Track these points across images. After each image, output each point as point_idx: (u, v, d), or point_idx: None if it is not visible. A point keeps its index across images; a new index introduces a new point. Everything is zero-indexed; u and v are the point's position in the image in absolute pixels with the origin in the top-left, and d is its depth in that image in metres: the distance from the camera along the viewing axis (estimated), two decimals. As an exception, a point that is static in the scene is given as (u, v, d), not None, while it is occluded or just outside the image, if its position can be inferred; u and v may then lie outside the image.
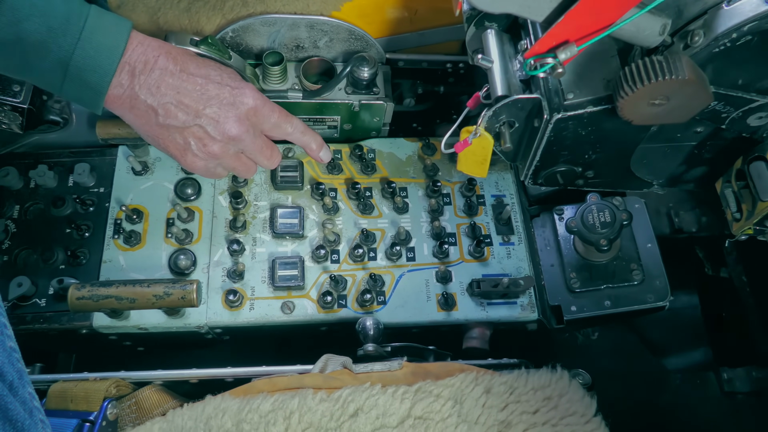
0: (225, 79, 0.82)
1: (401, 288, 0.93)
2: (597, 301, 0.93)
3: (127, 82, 0.75)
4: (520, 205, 1.01)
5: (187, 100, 0.78)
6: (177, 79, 0.78)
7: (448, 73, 1.11)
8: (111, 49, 0.73)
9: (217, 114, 0.80)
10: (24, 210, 0.95)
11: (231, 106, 0.81)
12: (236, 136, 0.82)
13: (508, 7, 0.63)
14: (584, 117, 0.72)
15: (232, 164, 0.86)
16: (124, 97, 0.76)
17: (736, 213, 0.78)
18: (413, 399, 0.75)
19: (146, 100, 0.77)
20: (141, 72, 0.76)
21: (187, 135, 0.80)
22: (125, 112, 0.79)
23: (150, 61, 0.76)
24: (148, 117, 0.79)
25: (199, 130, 0.80)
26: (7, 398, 0.55)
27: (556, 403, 0.76)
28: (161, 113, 0.78)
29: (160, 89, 0.77)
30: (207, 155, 0.82)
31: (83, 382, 0.78)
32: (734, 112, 0.70)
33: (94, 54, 0.72)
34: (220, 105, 0.80)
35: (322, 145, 0.93)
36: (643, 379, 1.12)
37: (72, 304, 0.81)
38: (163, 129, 0.80)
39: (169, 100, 0.77)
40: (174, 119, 0.78)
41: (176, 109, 0.78)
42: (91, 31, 0.71)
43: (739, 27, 0.61)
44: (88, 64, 0.72)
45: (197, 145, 0.81)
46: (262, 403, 0.74)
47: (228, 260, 0.93)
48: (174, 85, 0.77)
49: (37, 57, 0.71)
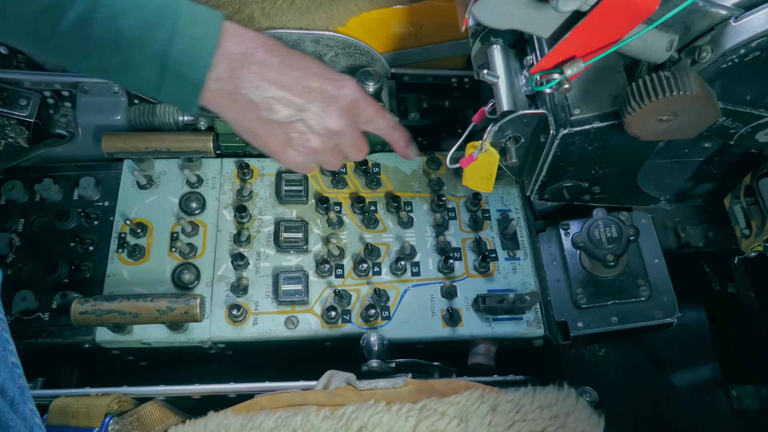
0: (324, 71, 0.79)
1: (406, 303, 0.92)
2: (604, 317, 0.92)
3: (227, 76, 0.72)
4: (526, 220, 1.01)
5: (290, 95, 0.75)
6: (278, 72, 0.74)
7: (454, 88, 1.11)
8: (207, 39, 0.70)
9: (321, 108, 0.77)
10: (29, 223, 0.95)
11: (334, 100, 0.78)
12: (338, 130, 0.79)
13: (515, 24, 0.62)
14: (591, 133, 0.71)
15: (327, 158, 0.83)
16: (224, 92, 0.73)
17: (745, 230, 0.78)
18: (418, 417, 0.74)
19: (248, 95, 0.73)
20: (241, 65, 0.72)
21: (289, 130, 0.77)
22: (225, 108, 0.76)
23: (249, 53, 0.73)
24: (249, 112, 0.75)
25: (301, 125, 0.77)
26: (8, 415, 0.54)
27: (564, 421, 0.75)
28: (263, 108, 0.75)
29: (262, 83, 0.73)
30: (308, 150, 0.79)
31: (85, 398, 0.78)
32: (742, 128, 0.69)
33: (191, 46, 0.69)
34: (323, 98, 0.77)
35: (410, 141, 0.91)
36: (650, 396, 1.10)
37: (75, 318, 0.80)
38: (264, 124, 0.76)
39: (272, 94, 0.74)
40: (276, 114, 0.75)
41: (279, 104, 0.75)
42: (186, 23, 0.69)
43: (747, 43, 0.61)
44: (185, 58, 0.69)
45: (299, 140, 0.78)
46: (265, 420, 0.73)
47: (232, 274, 0.92)
48: (275, 78, 0.74)
49: (134, 54, 0.68)
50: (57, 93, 1.01)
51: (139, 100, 1.02)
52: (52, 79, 0.99)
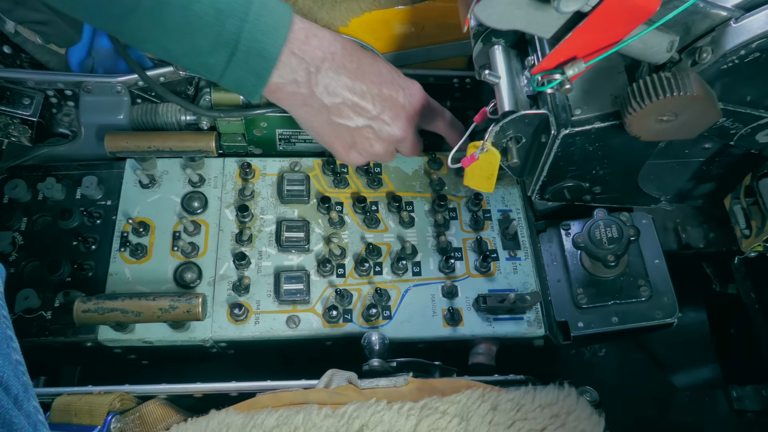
0: (395, 78, 0.81)
1: (407, 303, 0.93)
2: (604, 317, 0.92)
3: (303, 79, 0.73)
4: (527, 220, 1.01)
5: (363, 102, 0.77)
6: (354, 77, 0.76)
7: (455, 88, 1.11)
8: (277, 30, 0.71)
9: (390, 118, 0.79)
10: (32, 222, 0.95)
11: (403, 109, 0.80)
12: (402, 137, 0.82)
13: (516, 24, 0.63)
14: (592, 133, 0.72)
15: (383, 158, 0.87)
16: (299, 94, 0.74)
17: (745, 230, 0.78)
18: (419, 416, 0.74)
19: (322, 99, 0.75)
20: (319, 69, 0.73)
21: (356, 135, 0.79)
22: (296, 107, 0.77)
23: (327, 57, 0.74)
24: (320, 115, 0.77)
25: (369, 131, 0.79)
26: (12, 412, 0.55)
27: (564, 420, 0.75)
28: (335, 113, 0.76)
29: (337, 89, 0.75)
30: (370, 154, 0.83)
31: (87, 396, 0.78)
32: (743, 129, 0.70)
33: (261, 37, 0.70)
34: (393, 107, 0.79)
35: (463, 133, 0.90)
36: (650, 397, 1.10)
37: (77, 316, 0.81)
38: (333, 127, 0.78)
39: (345, 100, 0.76)
40: (348, 120, 0.77)
41: (351, 111, 0.77)
42: (257, 14, 0.69)
43: (747, 44, 0.61)
44: (255, 48, 0.70)
45: (363, 145, 0.81)
46: (267, 419, 0.73)
47: (233, 274, 0.93)
48: (350, 85, 0.76)
49: (205, 40, 0.69)
50: (60, 92, 1.01)
51: (142, 100, 1.02)
52: (55, 78, 0.99)
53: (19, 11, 0.92)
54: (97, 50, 1.05)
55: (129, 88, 1.00)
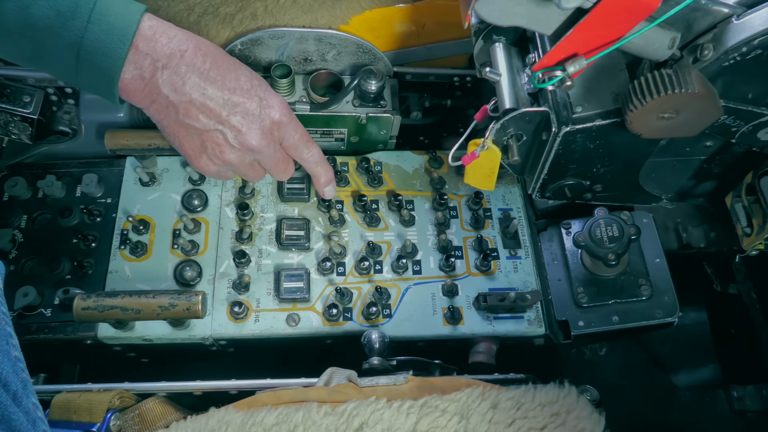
0: (255, 88, 0.77)
1: (407, 301, 0.92)
2: (605, 316, 0.92)
3: (149, 75, 0.71)
4: (527, 219, 1.01)
5: (211, 104, 0.74)
6: (204, 78, 0.73)
7: (456, 87, 1.11)
8: (122, 31, 0.69)
9: (240, 123, 0.76)
10: (32, 220, 0.95)
11: (256, 118, 0.77)
12: (256, 148, 0.78)
13: (517, 21, 0.63)
14: (593, 130, 0.72)
15: (244, 171, 0.83)
16: (146, 90, 0.72)
17: (746, 228, 0.78)
18: (419, 414, 0.74)
19: (168, 96, 0.73)
20: (166, 66, 0.71)
21: (206, 139, 0.76)
22: (147, 106, 0.75)
23: (176, 54, 0.71)
24: (167, 113, 0.75)
25: (219, 135, 0.76)
26: (10, 408, 0.55)
27: (564, 419, 0.75)
28: (182, 112, 0.74)
29: (184, 87, 0.73)
30: (222, 162, 0.79)
31: (87, 393, 0.78)
32: (744, 126, 0.70)
33: (105, 37, 0.68)
34: (245, 114, 0.76)
35: (330, 181, 0.91)
36: (651, 396, 1.10)
37: (77, 314, 0.80)
38: (181, 127, 0.76)
39: (192, 99, 0.73)
40: (195, 120, 0.75)
41: (198, 111, 0.74)
42: (100, 14, 0.68)
43: (749, 41, 0.61)
44: (99, 48, 0.68)
45: (214, 151, 0.77)
46: (266, 417, 0.73)
47: (234, 272, 0.93)
48: (200, 85, 0.73)
49: (48, 43, 0.68)
50: (60, 90, 1.01)
51: (142, 98, 1.02)
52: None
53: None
54: (97, 48, 1.04)
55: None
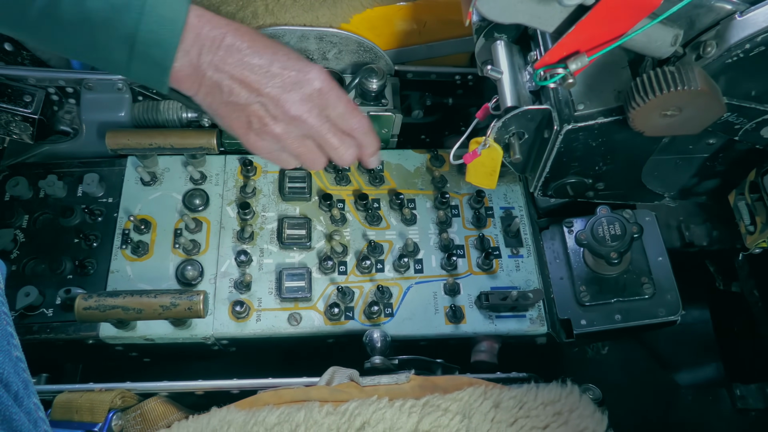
0: (292, 60, 0.79)
1: (409, 300, 0.92)
2: (607, 314, 0.92)
3: (195, 61, 0.74)
4: (529, 218, 1.00)
5: (249, 78, 0.76)
6: (243, 55, 0.76)
7: (457, 85, 1.11)
8: (173, 21, 0.71)
9: (278, 92, 0.77)
10: (33, 220, 0.95)
11: (295, 85, 0.78)
12: (298, 116, 0.79)
13: (519, 18, 0.62)
14: (595, 128, 0.71)
15: (296, 149, 0.82)
16: (194, 75, 0.75)
17: (749, 226, 0.77)
18: (421, 413, 0.74)
19: (212, 77, 0.76)
20: (209, 50, 0.74)
21: (250, 113, 0.78)
22: (195, 90, 0.78)
23: (218, 38, 0.74)
24: (214, 95, 0.77)
25: (260, 108, 0.78)
26: (12, 408, 0.55)
27: (567, 418, 0.75)
28: (225, 90, 0.76)
29: (225, 66, 0.75)
30: (269, 136, 0.80)
31: (88, 393, 0.78)
32: (747, 124, 0.69)
33: (158, 28, 0.70)
34: (283, 83, 0.78)
35: (376, 152, 0.89)
36: (653, 395, 1.10)
37: (79, 314, 0.80)
38: (228, 106, 0.78)
39: (233, 75, 0.76)
40: (237, 96, 0.77)
41: (239, 86, 0.76)
42: (152, 6, 0.70)
43: (752, 38, 0.61)
44: (153, 39, 0.71)
45: (258, 124, 0.79)
46: (268, 416, 0.73)
47: (235, 271, 0.92)
48: (238, 62, 0.76)
49: (103, 36, 0.70)
50: (61, 90, 1.01)
51: (143, 97, 1.02)
52: (56, 75, 0.99)
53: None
54: (98, 47, 1.04)
55: (130, 86, 1.00)
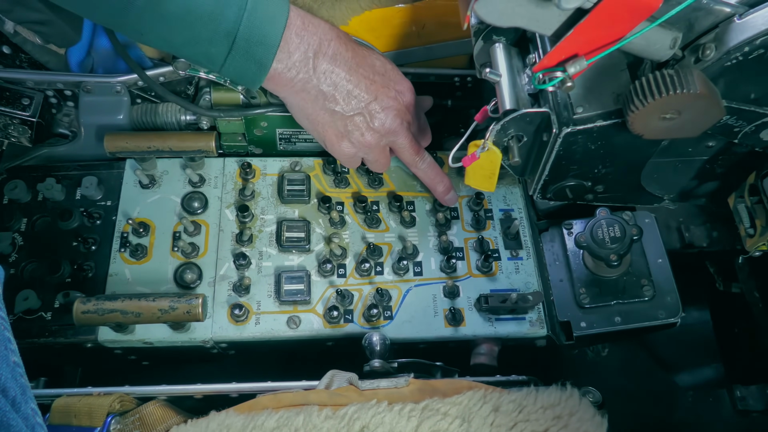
0: (389, 72, 0.84)
1: (408, 303, 0.92)
2: (607, 317, 0.92)
3: (302, 65, 0.75)
4: (529, 220, 1.00)
5: (357, 90, 0.79)
6: (348, 66, 0.78)
7: (456, 87, 1.10)
8: (275, 18, 0.72)
9: (382, 106, 0.82)
10: (31, 223, 0.95)
11: (393, 100, 0.83)
12: (394, 129, 0.83)
13: (517, 21, 0.62)
14: (594, 131, 0.71)
15: (376, 155, 0.87)
16: (297, 80, 0.76)
17: (749, 229, 0.77)
18: (420, 417, 0.73)
19: (319, 85, 0.77)
20: (315, 55, 0.75)
21: (349, 123, 0.81)
22: (294, 94, 0.79)
23: (324, 44, 0.76)
24: (316, 102, 0.79)
25: (361, 120, 0.81)
26: (9, 414, 0.54)
27: (567, 422, 0.74)
28: (330, 99, 0.79)
29: (333, 75, 0.77)
30: (361, 144, 0.84)
31: (87, 397, 0.78)
32: (747, 127, 0.69)
33: (260, 24, 0.71)
34: (386, 97, 0.82)
35: None
36: (654, 397, 1.10)
37: (77, 317, 0.80)
38: (327, 113, 0.80)
39: (340, 87, 0.78)
40: (341, 106, 0.80)
41: (345, 98, 0.79)
42: (256, 2, 0.71)
43: (751, 40, 0.60)
44: (255, 36, 0.71)
45: (356, 135, 0.82)
46: (267, 420, 0.73)
47: (234, 274, 0.92)
48: (346, 72, 0.78)
49: (205, 29, 0.70)
50: (60, 92, 1.01)
51: (142, 100, 1.02)
52: (54, 78, 0.99)
53: (18, 11, 0.91)
54: (96, 50, 1.04)
55: (129, 88, 1.00)
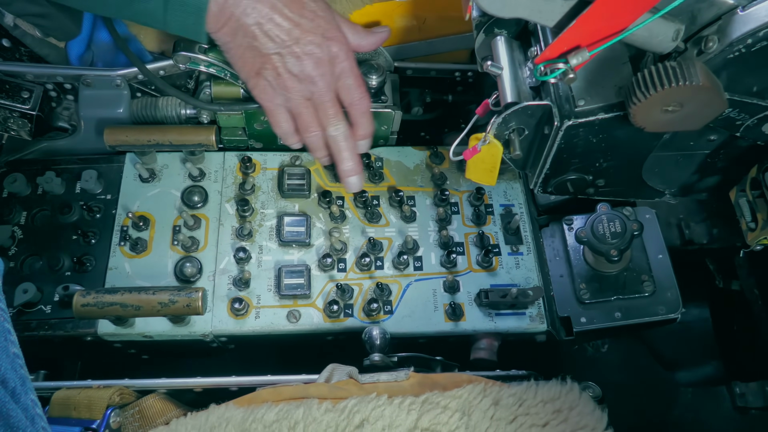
0: (319, 18, 0.82)
1: (408, 297, 0.92)
2: (607, 312, 0.92)
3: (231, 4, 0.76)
4: (529, 215, 1.00)
5: (275, 30, 0.79)
6: (272, 5, 0.78)
7: (457, 82, 1.10)
8: None
9: (300, 51, 0.81)
10: (31, 216, 0.94)
11: (316, 47, 0.82)
12: (311, 76, 0.82)
13: (519, 12, 0.62)
14: (595, 124, 0.71)
15: (297, 107, 0.86)
16: (220, 13, 0.78)
17: (750, 223, 0.77)
18: (420, 410, 0.73)
19: (239, 19, 0.78)
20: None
21: (266, 62, 0.82)
22: (217, 29, 0.80)
23: None
24: (235, 35, 0.80)
25: (278, 60, 0.81)
26: (9, 405, 0.54)
27: (566, 416, 0.74)
28: (249, 34, 0.80)
29: (254, 12, 0.78)
30: (279, 87, 0.83)
31: (87, 390, 0.78)
32: (749, 120, 0.69)
33: None
34: (306, 44, 0.81)
35: (369, 136, 0.93)
36: (653, 393, 1.10)
37: (77, 310, 0.80)
38: (247, 50, 0.81)
39: (259, 23, 0.78)
40: (259, 44, 0.80)
41: (264, 36, 0.79)
42: None
43: (754, 32, 0.60)
44: None
45: (272, 75, 0.82)
46: (267, 413, 0.73)
47: (234, 268, 0.92)
48: (269, 11, 0.78)
49: None
50: (59, 86, 1.00)
51: (142, 93, 1.02)
52: (54, 71, 0.99)
53: (18, 4, 0.91)
54: (96, 43, 1.04)
55: (128, 82, 1.00)
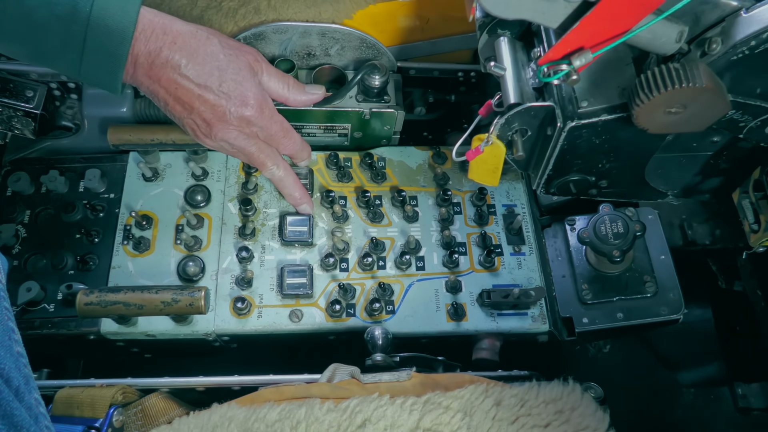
0: (227, 82, 0.81)
1: (410, 297, 0.92)
2: (609, 313, 0.92)
3: (131, 71, 0.77)
4: (532, 215, 1.00)
5: (183, 97, 0.80)
6: (177, 73, 0.78)
7: (460, 82, 1.10)
8: (121, 32, 0.72)
9: (209, 117, 0.82)
10: (35, 215, 0.95)
11: (224, 114, 0.82)
12: (226, 140, 0.84)
13: (523, 13, 0.62)
14: (598, 125, 0.71)
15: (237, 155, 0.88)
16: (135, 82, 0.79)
17: (753, 224, 0.77)
18: (422, 410, 0.73)
19: (149, 88, 0.80)
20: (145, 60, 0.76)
21: (186, 125, 0.84)
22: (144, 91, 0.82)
23: (154, 52, 0.76)
24: (157, 101, 0.82)
25: (193, 123, 0.83)
26: (12, 404, 0.55)
27: (568, 416, 0.74)
28: (161, 102, 0.81)
29: (160, 81, 0.78)
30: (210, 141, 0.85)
31: (90, 389, 0.78)
32: (752, 122, 0.69)
33: (106, 40, 0.72)
34: (212, 108, 0.81)
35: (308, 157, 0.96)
36: (655, 394, 1.10)
37: (80, 309, 0.80)
38: (168, 114, 0.84)
39: (167, 90, 0.80)
40: (172, 110, 0.82)
41: (173, 102, 0.81)
42: (98, 17, 0.71)
43: (758, 34, 0.60)
44: (101, 49, 0.72)
45: (198, 133, 0.84)
46: (269, 413, 0.73)
47: (236, 267, 0.92)
48: (174, 78, 0.79)
49: (51, 45, 0.71)
50: (63, 85, 1.01)
51: (145, 93, 1.02)
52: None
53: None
54: (100, 43, 1.04)
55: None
